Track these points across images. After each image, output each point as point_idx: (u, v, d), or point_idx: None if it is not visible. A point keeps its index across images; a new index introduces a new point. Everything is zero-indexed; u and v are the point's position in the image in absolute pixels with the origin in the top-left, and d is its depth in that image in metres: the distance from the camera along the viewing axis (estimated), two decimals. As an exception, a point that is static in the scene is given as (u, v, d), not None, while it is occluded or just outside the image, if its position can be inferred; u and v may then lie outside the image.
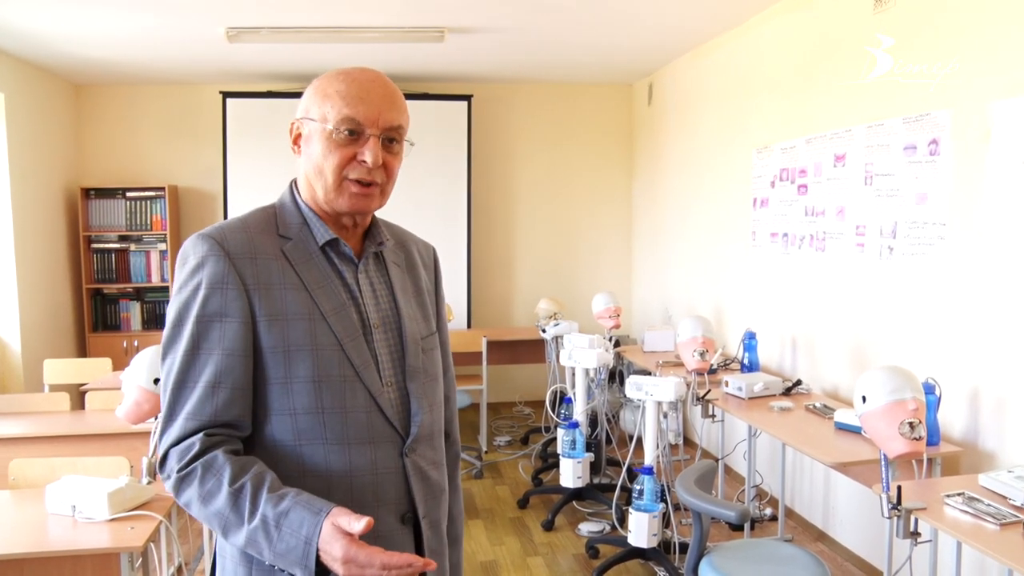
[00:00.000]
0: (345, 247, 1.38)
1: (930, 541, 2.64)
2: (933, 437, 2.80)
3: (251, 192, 6.09)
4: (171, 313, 1.30)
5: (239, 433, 1.28)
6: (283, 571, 1.20)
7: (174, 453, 1.25)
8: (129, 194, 6.21)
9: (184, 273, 1.30)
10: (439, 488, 1.44)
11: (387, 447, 1.34)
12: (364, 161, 1.31)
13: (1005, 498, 2.29)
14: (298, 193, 1.40)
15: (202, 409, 1.25)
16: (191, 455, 1.23)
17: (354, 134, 1.31)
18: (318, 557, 1.15)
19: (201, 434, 1.25)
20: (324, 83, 1.35)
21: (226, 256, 1.28)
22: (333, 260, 1.37)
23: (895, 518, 2.25)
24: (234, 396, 1.27)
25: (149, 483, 2.55)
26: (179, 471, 1.23)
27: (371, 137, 1.32)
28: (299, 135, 1.37)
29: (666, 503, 3.57)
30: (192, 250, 1.30)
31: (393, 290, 1.43)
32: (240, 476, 1.21)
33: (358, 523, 1.13)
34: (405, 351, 1.39)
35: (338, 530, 1.14)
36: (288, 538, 1.16)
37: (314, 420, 1.29)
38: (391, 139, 1.35)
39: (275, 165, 6.04)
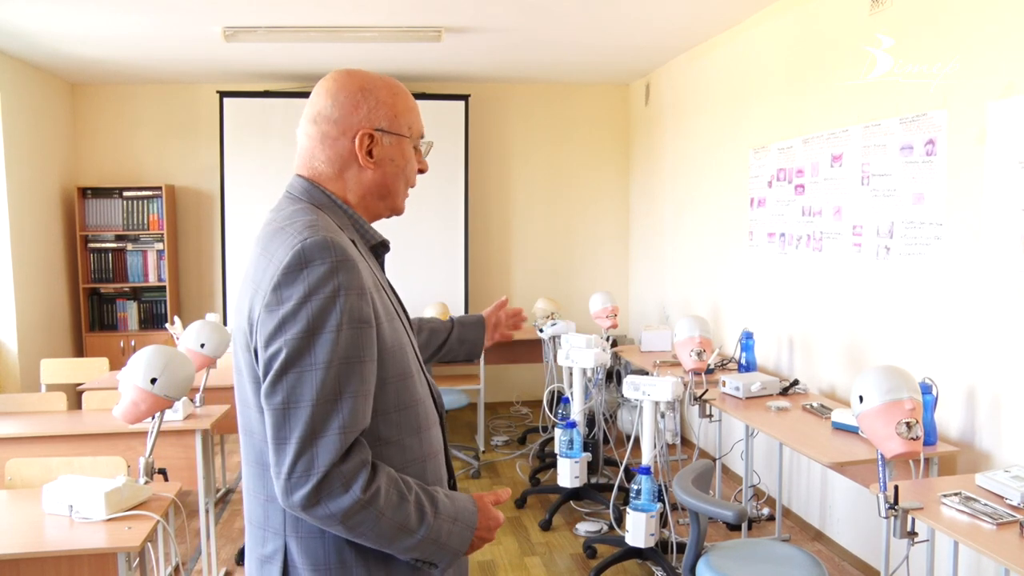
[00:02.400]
0: (387, 250, 1.46)
1: (927, 541, 2.64)
2: (930, 437, 2.80)
3: (249, 192, 6.09)
4: (301, 322, 1.20)
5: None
6: (421, 562, 1.31)
7: (339, 473, 1.19)
8: (126, 194, 6.20)
9: (313, 279, 1.21)
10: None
11: (437, 429, 1.44)
12: (423, 170, 1.47)
13: (1002, 498, 2.30)
14: (333, 195, 1.38)
15: (356, 420, 1.22)
16: (367, 475, 1.22)
17: (420, 148, 1.45)
18: None
19: (365, 450, 1.24)
20: (393, 97, 1.40)
21: (353, 261, 1.25)
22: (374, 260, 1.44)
23: (892, 518, 2.25)
24: (371, 403, 1.27)
25: (146, 483, 2.54)
26: (363, 491, 1.20)
27: (420, 148, 1.46)
28: (373, 146, 1.38)
29: (663, 503, 3.57)
30: (319, 255, 1.22)
31: (393, 287, 1.50)
32: (408, 488, 1.28)
33: (505, 492, 1.46)
34: (415, 343, 1.48)
35: (490, 505, 1.39)
36: (462, 529, 1.32)
37: (412, 413, 1.35)
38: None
39: (272, 164, 6.05)
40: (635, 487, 3.47)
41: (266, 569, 1.32)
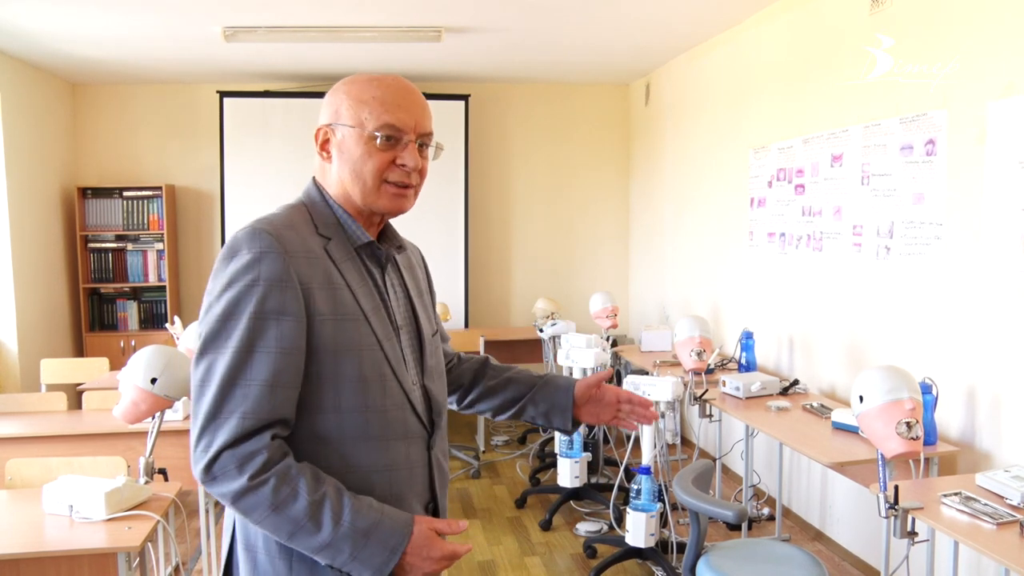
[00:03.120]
0: (378, 249, 1.43)
1: (927, 541, 2.64)
2: (930, 437, 2.80)
3: (248, 191, 6.09)
4: (219, 307, 1.26)
5: (286, 432, 1.29)
6: (336, 570, 1.27)
7: (231, 456, 1.23)
8: (126, 194, 6.20)
9: (236, 267, 1.27)
10: (447, 477, 1.53)
11: (417, 442, 1.42)
12: (404, 165, 1.37)
13: (1002, 497, 2.30)
14: (327, 193, 1.41)
15: (259, 408, 1.24)
16: (260, 463, 1.23)
17: (392, 139, 1.36)
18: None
19: (266, 438, 1.24)
20: (358, 89, 1.38)
21: (284, 253, 1.28)
22: (365, 261, 1.41)
23: (892, 518, 2.25)
24: (288, 395, 1.27)
25: (146, 483, 2.54)
26: (250, 479, 1.22)
27: (409, 143, 1.38)
28: (327, 140, 1.39)
29: (663, 503, 3.57)
30: (247, 244, 1.28)
31: (408, 292, 1.50)
32: (317, 487, 1.25)
33: (458, 525, 1.34)
34: (424, 351, 1.47)
35: (434, 533, 1.31)
36: (376, 546, 1.25)
37: (359, 418, 1.33)
38: (423, 144, 1.41)
39: (272, 164, 6.05)
40: (635, 487, 3.47)
41: (224, 539, 1.41)
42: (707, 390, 3.73)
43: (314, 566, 1.29)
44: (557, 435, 4.37)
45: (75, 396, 4.18)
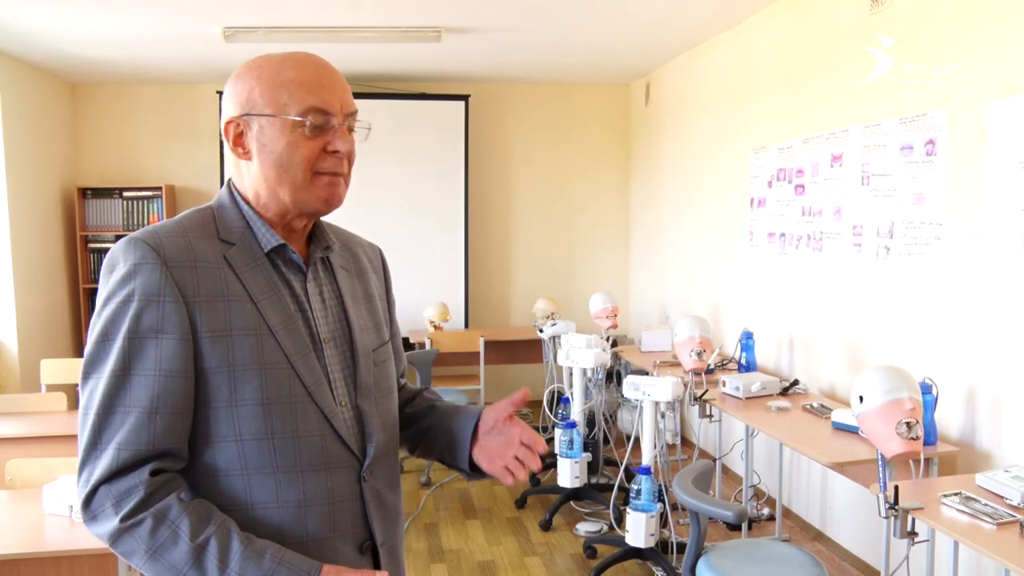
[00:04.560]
0: (293, 253, 1.26)
1: (927, 541, 2.64)
2: (930, 437, 2.80)
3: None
4: (96, 327, 1.14)
5: (178, 464, 1.16)
6: None
7: (107, 492, 1.11)
8: (126, 194, 6.20)
9: (112, 282, 1.14)
10: (395, 511, 1.34)
11: (343, 472, 1.24)
12: (337, 152, 1.21)
13: (1002, 498, 2.30)
14: (238, 194, 1.26)
15: (137, 438, 1.11)
16: (135, 501, 1.10)
17: (319, 125, 1.20)
18: None
19: (145, 473, 1.11)
20: (270, 72, 1.21)
21: (162, 264, 1.14)
22: (279, 267, 1.25)
23: (892, 518, 2.25)
24: (173, 422, 1.13)
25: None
26: (122, 520, 1.09)
27: (339, 126, 1.22)
28: (241, 134, 1.23)
29: (664, 503, 3.57)
30: (122, 256, 1.15)
31: (343, 299, 1.32)
32: (201, 529, 1.11)
33: None
34: (357, 367, 1.29)
35: None
36: None
37: (263, 446, 1.17)
38: (349, 126, 1.25)
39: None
40: (635, 487, 3.47)
41: None
42: (707, 390, 3.73)
43: None
44: (557, 435, 4.37)
45: (75, 396, 4.17)
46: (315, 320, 1.26)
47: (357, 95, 1.34)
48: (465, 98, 6.35)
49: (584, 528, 4.15)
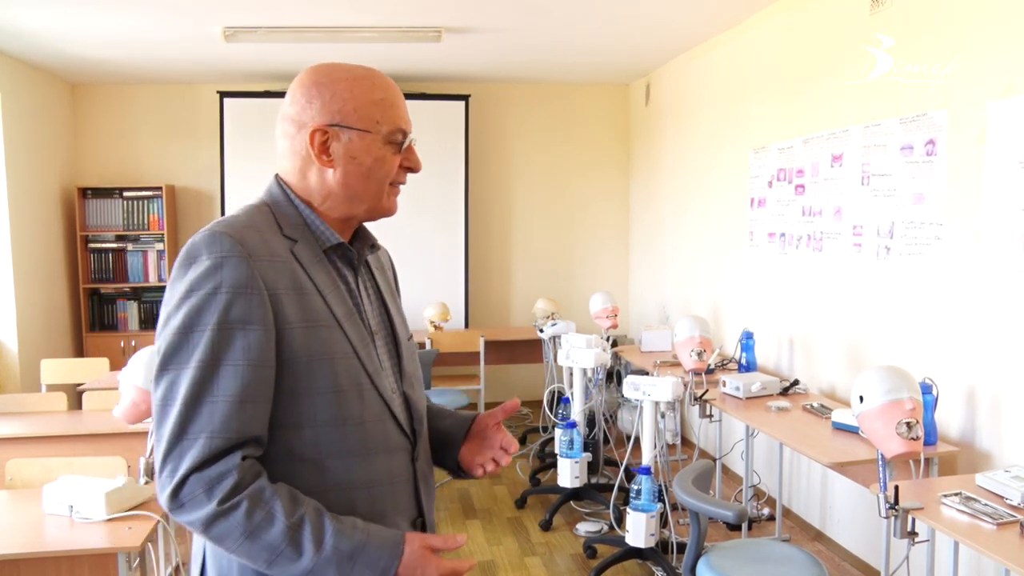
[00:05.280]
0: (350, 251, 1.34)
1: (927, 541, 2.64)
2: (930, 437, 2.80)
3: (249, 192, 6.03)
4: (175, 319, 1.17)
5: (259, 452, 1.20)
6: None
7: (198, 480, 1.13)
8: (126, 194, 6.20)
9: (195, 274, 1.17)
10: (434, 488, 1.45)
11: (400, 455, 1.33)
12: (412, 168, 1.34)
13: (1002, 498, 2.30)
14: (293, 193, 1.32)
15: (227, 427, 1.15)
16: (230, 485, 1.13)
17: (401, 143, 1.32)
18: None
19: (236, 458, 1.15)
20: (361, 88, 1.29)
21: (248, 257, 1.18)
22: (336, 264, 1.33)
23: (892, 518, 2.25)
24: (259, 411, 1.18)
25: (147, 483, 2.54)
26: (220, 503, 1.13)
27: (411, 143, 1.33)
28: (326, 142, 1.28)
29: (664, 503, 3.57)
30: (206, 249, 1.18)
31: (381, 294, 1.41)
32: (294, 509, 1.16)
33: (454, 540, 1.25)
34: (401, 357, 1.38)
35: (428, 551, 1.21)
36: (363, 570, 1.17)
37: (336, 432, 1.24)
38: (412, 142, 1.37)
39: (272, 165, 6.04)
40: (635, 487, 3.47)
41: (192, 567, 1.31)
42: (707, 390, 3.73)
43: None
44: (557, 435, 4.37)
45: (75, 396, 4.18)
46: (366, 314, 1.34)
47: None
48: (465, 98, 6.35)
49: (584, 528, 4.15)
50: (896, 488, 2.25)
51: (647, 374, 4.12)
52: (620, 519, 3.96)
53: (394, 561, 1.18)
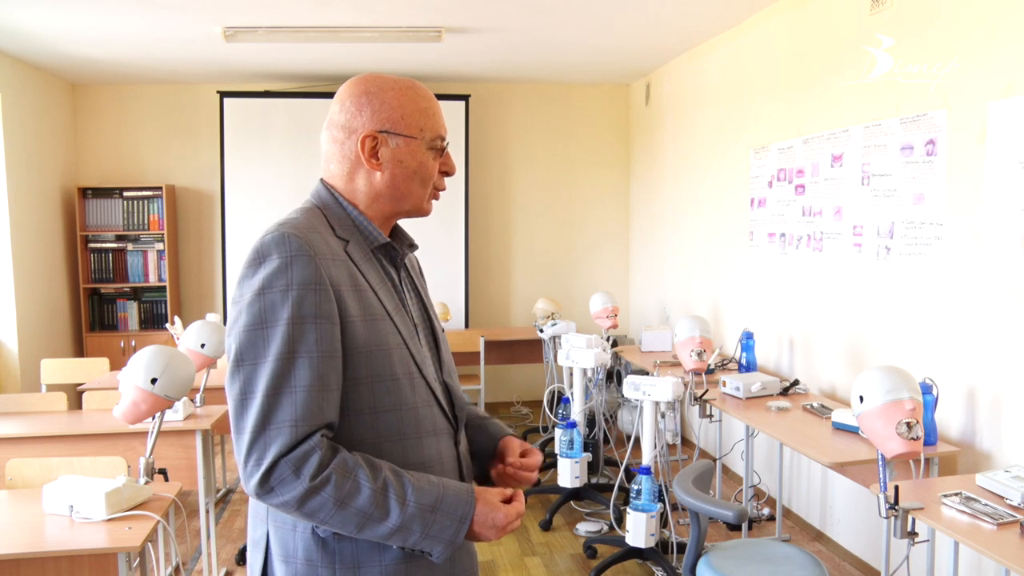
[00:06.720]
0: (394, 250, 1.44)
1: (927, 541, 2.65)
2: (930, 437, 2.80)
3: (249, 192, 6.09)
4: (252, 315, 1.25)
5: (333, 434, 1.28)
6: (410, 551, 1.28)
7: (286, 463, 1.21)
8: (126, 194, 6.20)
9: (266, 273, 1.26)
10: (472, 472, 1.52)
11: (445, 439, 1.42)
12: (448, 173, 1.46)
13: (1002, 498, 2.30)
14: (340, 196, 1.41)
15: (309, 413, 1.23)
16: (317, 462, 1.21)
17: (442, 149, 1.43)
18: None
19: (317, 438, 1.23)
20: (407, 98, 1.40)
21: (314, 256, 1.27)
22: (381, 261, 1.43)
23: (892, 518, 2.25)
24: (333, 398, 1.27)
25: (147, 483, 2.54)
26: (311, 479, 1.20)
27: (448, 149, 1.44)
28: (375, 146, 1.38)
29: (664, 503, 3.57)
30: (276, 249, 1.26)
31: (418, 289, 1.52)
32: (376, 474, 1.25)
33: (515, 492, 1.36)
34: (439, 348, 1.49)
35: (496, 501, 1.32)
36: (444, 519, 1.27)
37: (393, 417, 1.33)
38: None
39: (272, 164, 6.05)
40: (635, 487, 3.47)
41: (254, 554, 1.38)
42: (707, 390, 3.73)
43: (357, 570, 1.30)
44: (557, 435, 4.37)
45: (75, 396, 4.18)
46: (409, 308, 1.44)
47: (357, 95, 1.39)
48: (465, 98, 6.35)
49: (584, 528, 4.15)
50: (896, 488, 2.25)
51: (647, 374, 4.12)
52: (620, 519, 3.96)
53: (470, 508, 1.29)
